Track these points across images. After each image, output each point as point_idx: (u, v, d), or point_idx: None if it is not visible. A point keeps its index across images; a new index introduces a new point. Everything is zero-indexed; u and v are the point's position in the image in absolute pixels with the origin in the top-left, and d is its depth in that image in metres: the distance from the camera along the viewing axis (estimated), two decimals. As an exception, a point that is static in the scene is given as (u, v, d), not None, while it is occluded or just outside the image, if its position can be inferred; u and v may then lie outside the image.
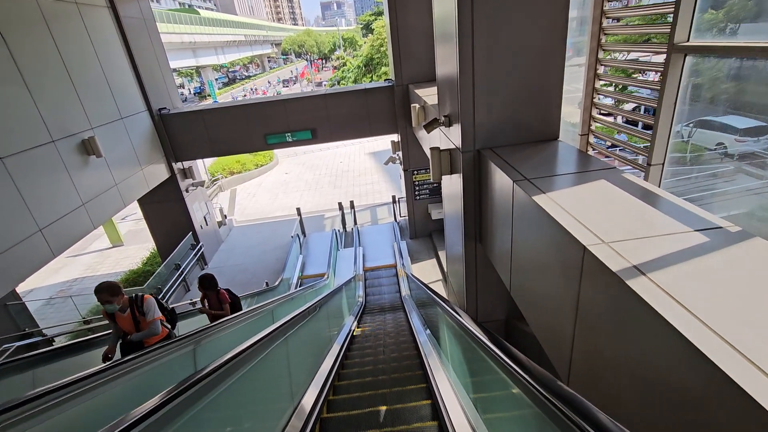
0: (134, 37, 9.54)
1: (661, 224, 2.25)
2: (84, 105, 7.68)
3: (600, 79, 3.87)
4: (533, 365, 1.50)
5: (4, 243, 5.71)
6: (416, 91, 8.83)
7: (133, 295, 3.98)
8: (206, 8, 78.07)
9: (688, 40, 2.88)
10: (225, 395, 1.91)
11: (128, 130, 9.03)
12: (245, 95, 51.36)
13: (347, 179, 19.22)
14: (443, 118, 4.56)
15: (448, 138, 4.75)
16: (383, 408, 3.09)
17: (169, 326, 4.24)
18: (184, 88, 59.29)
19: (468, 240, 4.56)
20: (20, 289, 14.87)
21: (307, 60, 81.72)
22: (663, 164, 3.16)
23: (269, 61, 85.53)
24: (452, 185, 4.87)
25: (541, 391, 1.27)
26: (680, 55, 2.92)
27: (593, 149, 4.31)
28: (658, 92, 3.01)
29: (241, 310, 5.14)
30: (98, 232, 17.85)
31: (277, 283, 8.88)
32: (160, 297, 9.56)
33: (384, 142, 24.57)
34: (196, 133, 10.59)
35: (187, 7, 67.39)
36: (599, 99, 3.97)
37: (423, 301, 6.34)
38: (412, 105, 7.88)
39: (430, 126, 4.61)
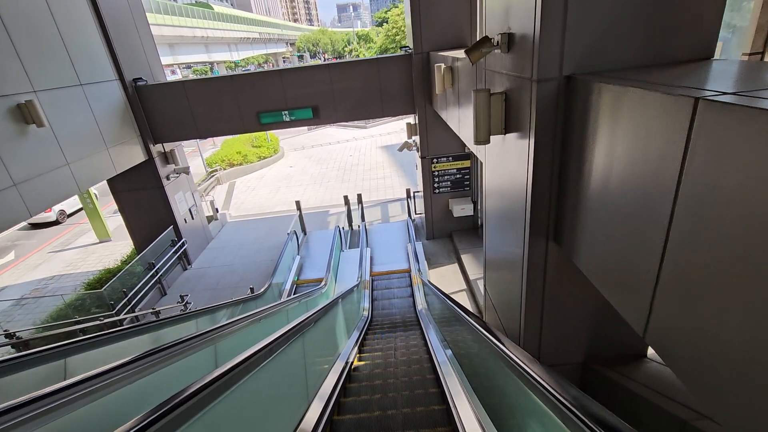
0: (103, -8, 8.00)
1: None
2: (24, 62, 6.13)
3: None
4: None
5: None
6: (441, 53, 7.08)
7: None
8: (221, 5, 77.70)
9: None
10: None
11: (89, 100, 7.47)
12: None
13: (356, 173, 17.51)
14: (497, 37, 2.81)
15: (503, 74, 2.99)
16: None
17: None
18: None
19: (535, 238, 2.79)
20: (-11, 287, 13.52)
21: (321, 59, 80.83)
22: None
23: (284, 61, 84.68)
24: (507, 153, 3.11)
25: None
26: None
27: None
28: None
29: None
30: (86, 226, 16.55)
31: (263, 289, 7.20)
32: (123, 302, 7.92)
33: (399, 136, 22.88)
34: (178, 109, 9.02)
35: (201, 1, 66.85)
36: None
37: (446, 319, 4.60)
38: (436, 65, 6.13)
39: (476, 51, 2.85)
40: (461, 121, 5.79)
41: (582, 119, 2.21)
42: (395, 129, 24.91)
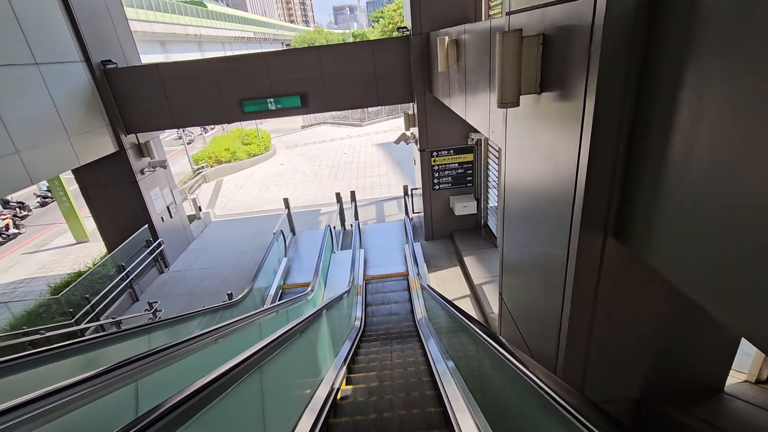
0: (66, -38, 7.16)
1: None
2: (-39, 32, 5.29)
3: None
4: None
5: None
6: (444, 29, 6.30)
7: None
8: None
9: None
10: None
11: (47, 82, 6.62)
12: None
13: (350, 171, 16.70)
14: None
15: (538, 6, 2.21)
16: None
17: None
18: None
19: (588, 234, 2.00)
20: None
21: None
22: None
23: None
24: (543, 121, 2.33)
25: None
26: None
27: None
28: None
29: None
30: (63, 227, 15.63)
31: (241, 295, 6.37)
32: (85, 310, 6.98)
33: (396, 134, 22.06)
34: (152, 96, 8.18)
35: None
36: None
37: (452, 333, 3.82)
38: (439, 38, 5.36)
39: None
40: (468, 102, 5.01)
41: (682, 53, 1.42)
42: (391, 127, 24.15)
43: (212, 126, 32.22)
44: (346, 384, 3.51)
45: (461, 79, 5.26)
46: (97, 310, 7.16)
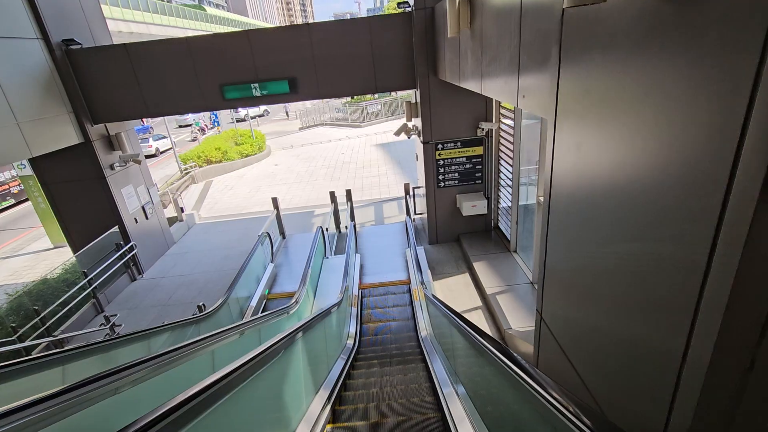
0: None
1: None
2: None
3: None
4: None
5: None
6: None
7: None
8: (216, 4, 76.70)
9: None
10: None
11: (-10, 58, 5.71)
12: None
13: (348, 171, 15.75)
14: None
15: None
16: None
17: None
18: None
19: (766, 215, 1.02)
20: None
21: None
22: None
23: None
24: (651, 31, 1.35)
25: None
26: None
27: None
28: None
29: None
30: (40, 231, 14.65)
31: (214, 307, 5.39)
32: (29, 325, 5.85)
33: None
34: (122, 82, 7.26)
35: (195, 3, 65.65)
36: None
37: (468, 359, 2.87)
38: (448, -4, 4.42)
39: None
40: (486, 69, 4.07)
41: None
42: (391, 128, 23.25)
43: (210, 127, 31.46)
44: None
45: (476, 46, 4.32)
46: (48, 324, 6.16)
